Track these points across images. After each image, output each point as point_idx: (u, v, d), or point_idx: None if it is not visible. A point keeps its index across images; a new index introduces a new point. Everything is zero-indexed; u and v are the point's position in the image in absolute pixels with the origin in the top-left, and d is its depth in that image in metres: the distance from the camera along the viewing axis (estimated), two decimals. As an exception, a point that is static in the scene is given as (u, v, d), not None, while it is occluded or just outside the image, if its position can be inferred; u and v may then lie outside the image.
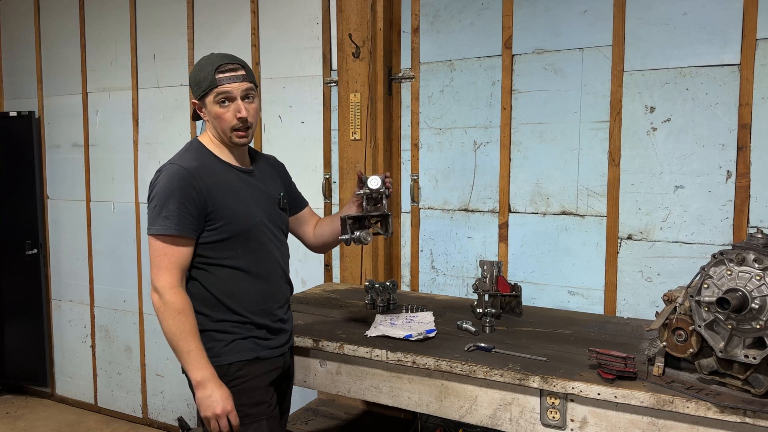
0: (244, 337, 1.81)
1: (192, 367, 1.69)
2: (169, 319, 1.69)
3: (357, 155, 2.88)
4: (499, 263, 2.34)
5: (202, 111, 1.84)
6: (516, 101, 2.67)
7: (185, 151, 1.86)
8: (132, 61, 3.76)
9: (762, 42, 2.20)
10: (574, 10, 2.53)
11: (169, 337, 1.70)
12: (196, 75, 1.81)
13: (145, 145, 3.78)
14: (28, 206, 4.20)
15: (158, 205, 1.71)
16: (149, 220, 1.73)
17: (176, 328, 1.68)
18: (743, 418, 1.43)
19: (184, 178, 1.73)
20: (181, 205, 1.70)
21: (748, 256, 1.47)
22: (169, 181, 1.73)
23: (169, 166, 1.78)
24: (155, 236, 1.71)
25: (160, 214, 1.70)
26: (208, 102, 1.79)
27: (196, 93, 1.81)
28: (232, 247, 1.79)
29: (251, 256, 1.83)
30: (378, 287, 2.42)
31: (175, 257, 1.71)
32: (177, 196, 1.70)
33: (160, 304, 1.69)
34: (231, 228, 1.78)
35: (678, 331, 1.58)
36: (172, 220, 1.69)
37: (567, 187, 2.58)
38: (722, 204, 2.29)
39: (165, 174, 1.75)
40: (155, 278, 1.70)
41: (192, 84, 1.83)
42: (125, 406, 4.02)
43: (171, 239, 1.70)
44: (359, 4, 2.84)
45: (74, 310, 4.20)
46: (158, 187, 1.74)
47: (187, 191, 1.72)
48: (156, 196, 1.73)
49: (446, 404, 1.84)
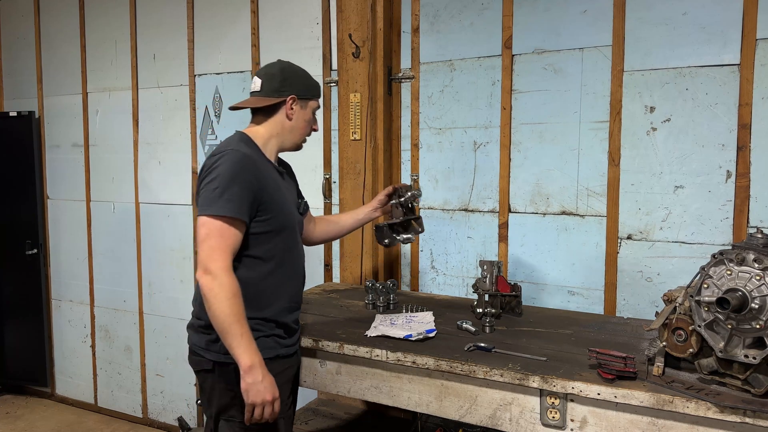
0: (267, 335, 1.82)
1: (244, 351, 1.66)
2: (225, 301, 1.65)
3: (357, 155, 2.88)
4: (499, 263, 2.35)
5: (292, 108, 1.89)
6: (516, 101, 2.67)
7: (239, 141, 1.85)
8: (132, 61, 3.77)
9: (762, 42, 2.20)
10: (574, 10, 2.53)
11: (222, 319, 1.65)
12: (307, 79, 1.93)
13: (145, 145, 3.78)
14: (28, 206, 4.21)
15: (220, 187, 1.70)
16: (207, 200, 1.71)
17: (230, 310, 1.65)
18: (743, 418, 1.43)
19: (247, 164, 1.75)
20: (242, 190, 1.71)
21: (747, 256, 1.47)
22: (232, 165, 1.73)
23: (230, 151, 1.77)
24: (215, 217, 1.68)
25: (222, 196, 1.69)
26: (307, 106, 1.93)
27: (303, 93, 1.90)
28: (272, 241, 1.82)
29: (287, 255, 1.87)
30: (378, 287, 2.42)
31: (230, 240, 1.70)
32: (240, 180, 1.71)
33: (214, 285, 1.65)
34: (276, 221, 1.81)
35: (678, 331, 1.58)
36: (235, 203, 1.69)
37: (567, 187, 2.58)
38: (722, 204, 2.29)
39: (228, 157, 1.74)
40: (209, 259, 1.66)
41: (298, 82, 1.90)
42: (125, 406, 4.03)
43: (231, 221, 1.69)
44: (359, 4, 2.84)
45: (74, 310, 4.20)
46: (221, 168, 1.73)
47: (248, 177, 1.73)
48: (218, 177, 1.71)
49: (446, 404, 1.84)
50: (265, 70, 1.94)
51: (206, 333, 1.81)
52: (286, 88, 1.88)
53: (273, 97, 1.88)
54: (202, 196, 1.74)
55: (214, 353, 1.79)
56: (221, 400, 1.81)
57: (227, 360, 1.75)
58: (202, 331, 1.83)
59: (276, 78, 1.89)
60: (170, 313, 3.76)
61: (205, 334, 1.81)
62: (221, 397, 1.81)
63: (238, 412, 1.78)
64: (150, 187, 3.79)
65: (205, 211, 1.70)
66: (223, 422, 1.82)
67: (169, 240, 3.72)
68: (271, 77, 1.90)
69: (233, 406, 1.79)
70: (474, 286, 2.31)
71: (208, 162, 1.79)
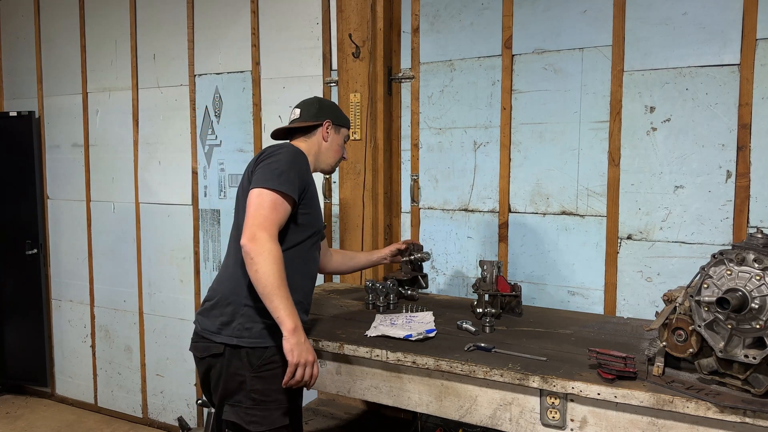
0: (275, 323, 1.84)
1: (288, 312, 1.72)
2: (272, 265, 1.70)
3: (357, 155, 2.88)
4: (499, 263, 2.34)
5: (327, 131, 2.11)
6: (516, 101, 2.67)
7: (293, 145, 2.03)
8: (132, 61, 3.77)
9: (762, 42, 2.20)
10: (574, 10, 2.53)
11: (266, 281, 1.70)
12: (340, 110, 2.19)
13: (145, 145, 3.78)
14: (28, 206, 4.21)
15: (280, 168, 1.83)
16: (266, 176, 1.82)
17: (277, 274, 1.71)
18: (743, 418, 1.43)
19: (303, 158, 1.96)
20: (297, 177, 1.85)
21: (748, 256, 1.47)
22: (293, 155, 1.91)
23: (290, 145, 1.98)
24: (273, 190, 1.79)
25: (281, 176, 1.82)
26: (341, 133, 2.17)
27: (337, 120, 2.14)
28: (303, 235, 1.93)
29: (310, 254, 1.99)
30: (378, 287, 2.42)
31: (281, 215, 1.80)
32: (297, 168, 1.87)
33: (261, 248, 1.71)
34: (311, 218, 1.95)
35: (678, 331, 1.58)
36: (289, 183, 1.82)
37: (567, 187, 2.58)
38: (722, 204, 2.29)
39: (289, 149, 1.93)
40: (260, 227, 1.73)
41: (334, 111, 2.16)
42: (125, 406, 4.03)
43: (286, 198, 1.81)
44: (359, 4, 2.84)
45: (74, 310, 4.20)
46: (282, 155, 1.88)
47: (303, 166, 1.92)
48: (279, 161, 1.85)
49: (446, 404, 1.84)
50: (303, 102, 2.18)
51: (218, 316, 1.85)
52: (323, 114, 2.11)
53: (312, 120, 2.10)
54: (260, 173, 1.83)
55: (225, 336, 1.83)
56: (228, 385, 1.83)
57: (240, 343, 1.80)
58: (215, 314, 1.87)
59: (314, 106, 2.13)
60: (170, 313, 3.76)
61: (217, 317, 1.85)
62: (228, 382, 1.83)
63: (245, 398, 1.80)
64: (150, 187, 3.79)
65: (263, 185, 1.80)
66: (228, 407, 1.84)
67: (169, 240, 3.72)
68: (309, 105, 2.14)
69: (240, 392, 1.81)
70: (474, 286, 2.31)
71: (268, 149, 1.93)
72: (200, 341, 1.89)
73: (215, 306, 1.89)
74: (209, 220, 3.57)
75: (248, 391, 1.79)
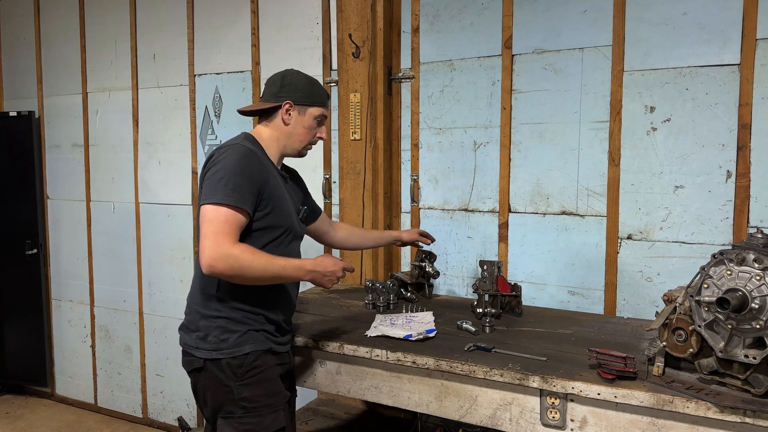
0: (257, 330, 1.83)
1: (295, 268, 1.77)
2: (252, 262, 1.67)
3: (357, 155, 2.88)
4: (499, 263, 2.34)
5: (289, 114, 1.91)
6: (516, 101, 2.67)
7: (243, 139, 1.88)
8: (132, 61, 3.76)
9: (762, 42, 2.20)
10: (574, 10, 2.53)
11: (259, 273, 1.69)
12: (309, 86, 1.94)
13: (145, 145, 3.78)
14: (28, 206, 4.21)
15: (225, 177, 1.72)
16: (212, 190, 1.72)
17: (258, 261, 1.68)
18: (743, 418, 1.43)
19: (251, 159, 1.79)
20: (246, 181, 1.74)
21: (748, 256, 1.47)
22: (238, 158, 1.76)
23: (235, 146, 1.81)
24: (221, 204, 1.69)
25: (227, 185, 1.71)
26: (308, 113, 1.94)
27: (302, 99, 1.92)
28: (268, 237, 1.84)
29: (285, 253, 1.88)
30: (378, 287, 2.42)
31: (235, 225, 1.71)
32: (245, 172, 1.75)
33: (233, 260, 1.65)
34: (274, 218, 1.84)
35: (678, 331, 1.58)
36: (240, 194, 1.72)
37: (567, 187, 2.58)
38: (722, 204, 2.29)
39: (233, 151, 1.78)
40: (219, 245, 1.65)
41: (298, 89, 1.92)
42: (125, 406, 4.02)
43: (236, 210, 1.71)
44: (359, 4, 2.84)
45: (74, 310, 4.20)
46: (226, 161, 1.75)
47: (253, 171, 1.77)
48: (223, 169, 1.74)
49: (446, 404, 1.84)
50: (270, 77, 1.99)
51: (194, 331, 1.82)
52: (284, 93, 1.91)
53: (271, 101, 1.92)
54: (206, 186, 1.74)
55: (203, 351, 1.79)
56: (216, 398, 1.80)
57: (218, 356, 1.76)
58: (191, 329, 1.84)
59: (276, 84, 1.94)
60: (170, 313, 3.76)
61: (193, 331, 1.83)
62: (215, 395, 1.80)
63: (235, 408, 1.77)
64: (150, 187, 3.79)
65: (209, 200, 1.70)
66: (222, 420, 1.81)
67: (169, 240, 3.72)
68: (272, 83, 1.95)
69: (229, 402, 1.78)
70: (474, 286, 2.31)
71: (214, 153, 1.82)
72: (185, 356, 1.87)
73: (190, 321, 1.86)
74: (209, 220, 3.56)
75: (237, 401, 1.76)
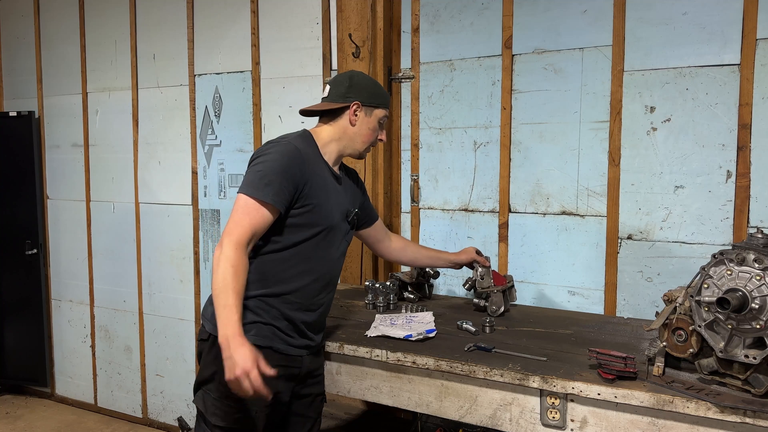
0: (266, 322, 1.82)
1: (221, 322, 1.62)
2: (221, 271, 1.66)
3: (357, 155, 2.88)
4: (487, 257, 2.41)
5: (356, 114, 1.93)
6: (516, 101, 2.67)
7: (297, 136, 1.91)
8: (132, 60, 3.76)
9: (762, 42, 2.20)
10: (574, 10, 2.53)
11: (214, 288, 1.67)
12: (374, 88, 1.98)
13: (145, 145, 3.78)
14: (28, 206, 4.20)
15: (263, 171, 1.75)
16: (248, 181, 1.76)
17: (223, 279, 1.65)
18: (743, 418, 1.43)
19: (295, 156, 1.81)
20: (283, 178, 1.76)
21: (748, 256, 1.47)
22: (281, 154, 1.79)
23: (284, 142, 1.84)
24: (250, 197, 1.73)
25: (262, 180, 1.74)
26: (373, 114, 1.96)
27: (368, 100, 1.94)
28: (302, 234, 1.84)
29: (314, 252, 1.88)
30: (378, 287, 2.42)
31: (255, 220, 1.73)
32: (283, 168, 1.76)
33: (220, 255, 1.67)
34: (314, 217, 1.84)
35: (678, 331, 1.57)
36: (271, 188, 1.74)
37: (567, 187, 2.58)
38: (722, 204, 2.29)
39: (279, 147, 1.82)
40: (226, 232, 1.70)
41: (365, 89, 1.95)
42: (125, 406, 4.02)
43: (262, 204, 1.73)
44: (359, 4, 2.84)
45: (74, 310, 4.20)
46: (269, 155, 1.79)
47: (293, 168, 1.78)
48: (263, 162, 1.78)
49: (446, 404, 1.84)
50: (335, 77, 2.01)
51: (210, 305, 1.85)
52: (352, 94, 1.93)
53: (338, 102, 1.94)
54: (247, 176, 1.79)
55: (211, 324, 1.82)
56: (204, 372, 1.84)
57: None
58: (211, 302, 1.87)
59: (343, 84, 1.96)
60: (170, 313, 3.76)
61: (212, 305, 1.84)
62: (205, 369, 1.84)
63: (215, 388, 1.79)
64: (150, 187, 3.79)
65: (244, 189, 1.75)
66: (201, 392, 1.84)
67: (169, 240, 3.72)
68: (338, 83, 1.97)
69: (212, 381, 1.81)
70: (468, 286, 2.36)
71: (262, 147, 1.85)
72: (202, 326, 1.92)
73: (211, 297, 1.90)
74: (209, 220, 3.57)
75: (218, 382, 1.77)
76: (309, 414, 2.00)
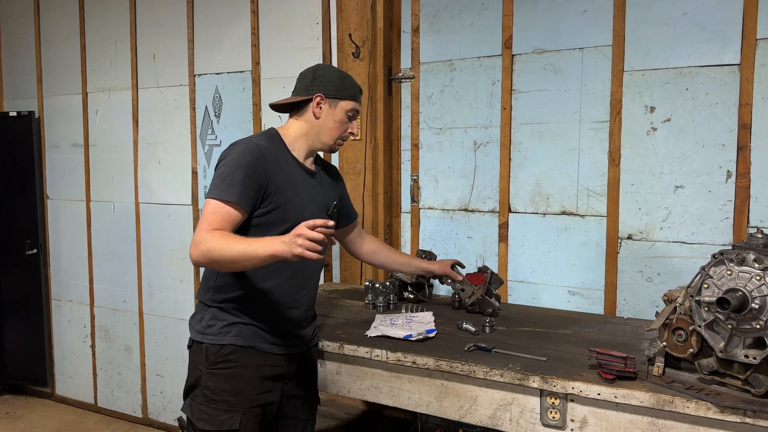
0: (245, 323, 1.82)
1: (261, 246, 1.60)
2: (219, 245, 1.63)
3: (357, 155, 2.88)
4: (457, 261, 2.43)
5: (320, 107, 1.91)
6: (516, 101, 2.67)
7: (261, 135, 1.92)
8: (132, 61, 3.76)
9: (762, 42, 2.20)
10: (574, 10, 2.53)
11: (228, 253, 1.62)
12: (341, 80, 1.93)
13: (145, 145, 3.78)
14: (28, 206, 4.20)
15: (225, 173, 1.76)
16: (213, 185, 1.77)
17: (225, 242, 1.64)
18: (743, 418, 1.43)
19: (257, 154, 1.80)
20: (246, 177, 1.75)
21: (748, 256, 1.47)
22: (241, 154, 1.79)
23: (245, 142, 1.84)
24: (214, 199, 1.74)
25: (224, 181, 1.75)
26: (339, 107, 1.92)
27: (333, 92, 1.91)
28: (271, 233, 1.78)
29: None
30: (378, 287, 2.42)
31: (223, 218, 1.73)
32: (245, 168, 1.76)
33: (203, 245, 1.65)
34: (282, 212, 1.83)
35: (678, 331, 1.58)
36: (235, 188, 1.74)
37: (567, 187, 2.58)
38: (722, 204, 2.29)
39: (239, 148, 1.82)
40: (196, 232, 1.71)
41: (329, 82, 1.92)
42: (125, 406, 4.02)
43: (227, 204, 1.74)
44: (359, 4, 2.84)
45: (74, 310, 4.20)
46: (230, 157, 1.80)
47: (256, 167, 1.78)
48: (225, 164, 1.79)
49: (446, 404, 1.84)
50: (302, 71, 1.99)
51: (197, 312, 1.90)
52: (315, 86, 1.92)
53: (302, 94, 1.93)
54: (212, 180, 1.80)
55: (194, 331, 1.86)
56: (189, 379, 1.86)
57: (202, 340, 1.82)
58: (196, 311, 1.92)
59: (307, 77, 1.95)
60: (170, 313, 3.76)
61: (197, 313, 1.90)
62: (190, 375, 1.85)
63: (200, 393, 1.80)
64: (150, 187, 3.79)
65: (208, 194, 1.77)
66: (189, 400, 1.85)
67: (169, 240, 3.72)
68: (303, 77, 1.96)
69: (196, 387, 1.82)
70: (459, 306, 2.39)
71: (224, 150, 1.86)
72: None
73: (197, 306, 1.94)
74: (209, 220, 3.56)
75: (202, 387, 1.79)
76: (300, 416, 1.99)
